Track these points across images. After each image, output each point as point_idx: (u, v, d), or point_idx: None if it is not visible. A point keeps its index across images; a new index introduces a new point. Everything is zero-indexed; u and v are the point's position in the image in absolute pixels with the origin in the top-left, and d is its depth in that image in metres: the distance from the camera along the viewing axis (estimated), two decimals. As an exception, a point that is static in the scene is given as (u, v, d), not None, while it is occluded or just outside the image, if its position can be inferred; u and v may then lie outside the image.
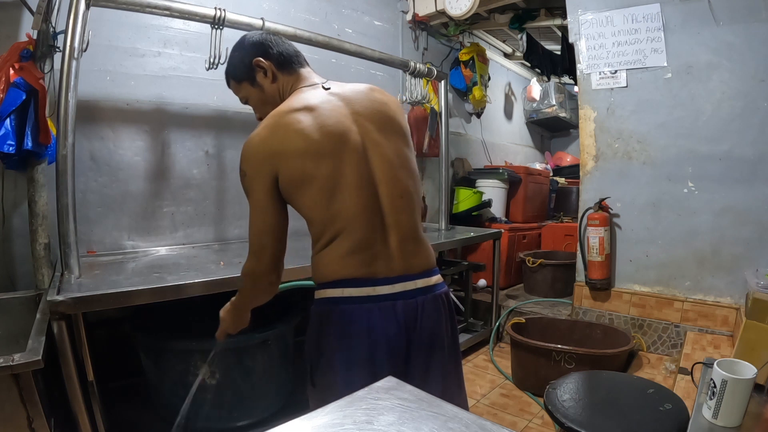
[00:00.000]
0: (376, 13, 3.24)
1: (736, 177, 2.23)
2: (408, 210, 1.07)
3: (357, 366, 0.98)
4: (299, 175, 0.98)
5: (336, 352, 1.00)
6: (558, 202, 4.46)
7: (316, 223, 1.01)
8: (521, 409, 2.18)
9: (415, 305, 1.02)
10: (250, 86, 1.12)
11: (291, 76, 1.11)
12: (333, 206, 0.99)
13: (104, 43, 1.99)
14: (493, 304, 3.01)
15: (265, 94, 1.11)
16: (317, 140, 0.98)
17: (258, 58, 1.09)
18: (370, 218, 1.01)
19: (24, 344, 1.14)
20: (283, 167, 0.98)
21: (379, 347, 0.99)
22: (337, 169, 0.99)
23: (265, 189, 0.99)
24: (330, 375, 1.00)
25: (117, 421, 1.63)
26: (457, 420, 0.62)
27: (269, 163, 0.98)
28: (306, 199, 0.99)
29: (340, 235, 0.99)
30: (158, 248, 2.20)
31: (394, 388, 0.73)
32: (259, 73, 1.10)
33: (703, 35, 2.26)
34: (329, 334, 1.00)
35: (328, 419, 0.64)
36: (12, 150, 1.59)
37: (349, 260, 0.99)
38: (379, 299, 0.99)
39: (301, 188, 0.98)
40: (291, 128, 0.98)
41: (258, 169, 0.99)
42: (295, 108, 1.01)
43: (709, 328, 2.31)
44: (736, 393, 1.05)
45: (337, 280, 1.00)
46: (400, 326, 1.00)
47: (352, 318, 0.99)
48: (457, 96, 3.94)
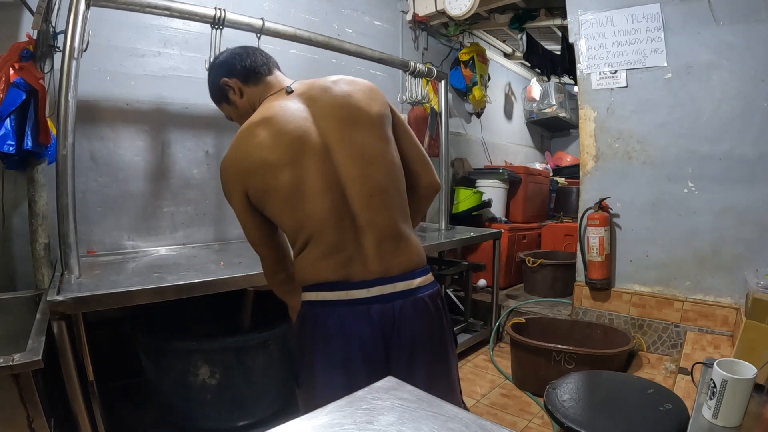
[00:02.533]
0: (376, 13, 3.24)
1: (736, 177, 2.23)
2: (383, 208, 1.00)
3: (334, 368, 0.99)
4: (262, 188, 0.99)
5: (315, 354, 1.01)
6: (558, 202, 4.46)
7: (287, 231, 1.05)
8: (521, 409, 2.18)
9: (392, 310, 0.97)
10: (227, 105, 1.17)
11: (258, 87, 1.12)
12: (298, 214, 0.98)
13: (104, 43, 1.99)
14: (493, 304, 3.01)
15: (239, 110, 1.14)
16: (274, 152, 0.97)
17: (224, 78, 1.12)
18: (340, 221, 0.98)
19: (24, 344, 1.14)
20: (249, 183, 1.00)
21: (354, 351, 0.97)
22: (297, 177, 0.97)
23: (242, 205, 1.04)
24: (311, 376, 1.02)
25: (117, 421, 1.64)
26: (457, 420, 0.62)
27: (238, 182, 1.02)
28: (272, 209, 1.02)
29: (311, 241, 1.00)
30: (158, 248, 2.20)
31: (394, 388, 0.73)
32: (229, 92, 1.13)
33: (703, 35, 2.26)
34: (308, 336, 1.02)
35: (328, 419, 0.64)
36: (12, 150, 1.59)
37: (323, 264, 0.98)
38: (353, 303, 0.96)
39: (266, 200, 1.00)
40: (249, 144, 1.00)
41: (231, 189, 1.04)
42: (254, 122, 1.02)
43: (709, 328, 2.31)
44: (736, 393, 1.05)
45: (313, 284, 1.01)
46: (375, 331, 0.96)
47: (327, 322, 0.98)
48: (457, 96, 3.94)
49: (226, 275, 1.61)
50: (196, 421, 1.76)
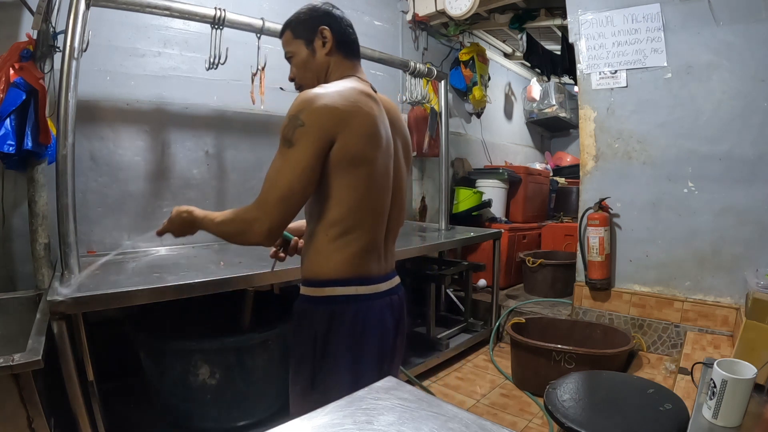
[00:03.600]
0: (376, 13, 3.24)
1: (736, 177, 2.23)
2: (401, 221, 1.17)
3: (366, 362, 1.03)
4: (358, 153, 0.96)
5: (347, 350, 1.01)
6: (558, 202, 4.46)
7: (346, 207, 0.98)
8: (521, 409, 2.18)
9: (399, 300, 1.13)
10: (303, 46, 1.09)
11: (344, 60, 1.10)
12: (367, 197, 1.00)
13: (104, 43, 1.99)
14: (493, 304, 3.01)
15: (314, 61, 1.09)
16: (379, 134, 1.01)
17: (325, 26, 1.08)
18: (384, 220, 1.07)
19: (24, 344, 1.14)
20: (345, 139, 0.94)
21: (386, 341, 1.07)
22: (381, 167, 1.02)
23: (317, 149, 0.94)
24: (336, 375, 1.01)
25: (117, 421, 1.63)
26: (457, 420, 0.62)
27: (335, 126, 0.94)
28: (349, 179, 0.97)
29: (360, 229, 1.01)
30: (158, 248, 2.20)
31: (394, 388, 0.73)
32: (318, 40, 1.08)
33: (703, 35, 2.26)
34: (341, 332, 1.00)
35: (328, 419, 0.64)
36: (12, 150, 1.59)
37: (364, 258, 1.03)
38: (381, 295, 1.06)
39: (352, 167, 0.96)
40: (363, 109, 0.98)
41: (320, 126, 0.93)
42: (366, 93, 1.02)
43: (709, 328, 2.31)
44: (736, 393, 1.05)
45: (349, 278, 1.01)
46: (394, 319, 1.09)
47: (368, 315, 1.03)
48: (457, 96, 3.94)
49: (226, 275, 1.61)
50: (196, 421, 1.76)
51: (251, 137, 2.52)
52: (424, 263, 2.99)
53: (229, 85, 2.42)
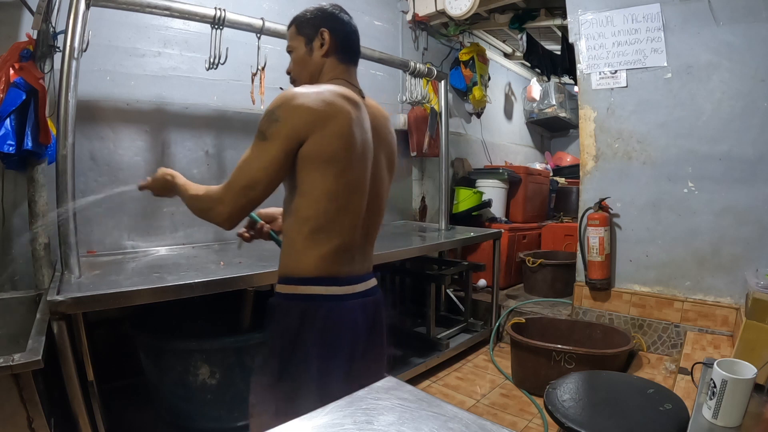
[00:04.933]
0: (376, 13, 3.24)
1: (736, 177, 2.23)
2: (379, 223, 1.19)
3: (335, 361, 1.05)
4: (330, 153, 0.99)
5: (316, 347, 1.03)
6: (558, 202, 4.46)
7: (317, 205, 1.01)
8: (521, 409, 2.18)
9: (374, 303, 1.14)
10: (303, 43, 1.13)
11: (339, 64, 1.13)
12: (339, 198, 1.03)
13: (104, 43, 1.99)
14: (493, 304, 3.01)
15: (310, 60, 1.12)
16: (355, 137, 1.03)
17: (325, 29, 1.11)
18: (358, 222, 1.09)
19: (24, 344, 1.14)
20: (317, 138, 0.98)
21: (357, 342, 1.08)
22: (355, 170, 1.05)
23: (287, 145, 0.98)
24: (304, 370, 1.03)
25: (117, 421, 1.64)
26: (457, 420, 0.62)
27: (308, 125, 0.97)
28: (320, 177, 1.00)
29: (331, 229, 1.03)
30: (158, 248, 2.20)
31: (394, 388, 0.73)
32: (317, 40, 1.11)
33: (703, 35, 2.26)
34: (311, 330, 1.02)
35: (328, 419, 0.64)
36: (12, 150, 1.59)
37: (336, 259, 1.05)
38: (356, 296, 1.08)
39: (323, 166, 1.00)
40: (339, 111, 1.01)
41: (293, 123, 0.97)
42: (348, 97, 1.05)
43: (709, 328, 2.31)
44: (736, 393, 1.05)
45: (322, 277, 1.04)
46: (368, 320, 1.11)
47: (339, 315, 1.05)
48: (457, 96, 3.94)
49: (226, 275, 1.61)
50: (196, 421, 1.76)
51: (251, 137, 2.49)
52: (424, 263, 2.99)
53: (229, 85, 2.42)
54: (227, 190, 1.00)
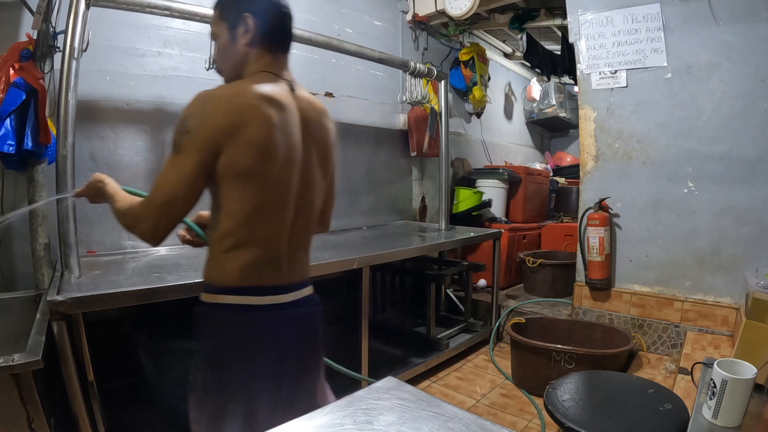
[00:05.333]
0: (376, 13, 3.24)
1: (736, 177, 2.23)
2: (311, 231, 1.13)
3: (260, 375, 0.99)
4: (246, 166, 0.92)
5: (235, 359, 0.98)
6: (558, 202, 4.46)
7: (236, 221, 0.96)
8: (521, 409, 2.18)
9: (310, 312, 1.08)
10: (226, 29, 1.02)
11: (266, 54, 1.02)
12: (259, 212, 0.96)
13: (104, 43, 1.99)
14: (493, 304, 3.01)
15: (233, 49, 1.02)
16: (276, 144, 0.95)
17: (249, 13, 1.00)
18: (283, 233, 1.03)
19: (24, 344, 1.14)
20: (233, 150, 0.91)
21: (284, 355, 1.02)
22: (277, 180, 0.98)
23: (201, 160, 0.90)
24: (227, 385, 0.98)
25: (117, 421, 1.63)
26: (457, 420, 0.62)
27: (221, 137, 0.90)
28: (238, 193, 0.94)
29: (252, 243, 0.97)
30: (158, 248, 2.20)
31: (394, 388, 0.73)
32: (241, 27, 1.00)
33: (703, 35, 2.26)
34: (229, 341, 0.98)
35: (328, 419, 0.64)
36: (12, 150, 1.59)
37: (257, 270, 0.99)
38: (281, 307, 1.02)
39: (240, 181, 0.93)
40: (257, 118, 0.92)
41: (205, 136, 0.89)
42: (268, 97, 0.95)
43: (709, 328, 2.31)
44: (736, 393, 1.05)
45: (242, 287, 0.98)
46: (298, 332, 1.04)
47: (261, 326, 0.99)
48: (457, 96, 3.94)
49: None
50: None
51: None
52: (424, 263, 2.99)
53: (229, 85, 2.42)
54: (147, 207, 0.94)
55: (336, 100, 2.99)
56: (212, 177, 0.93)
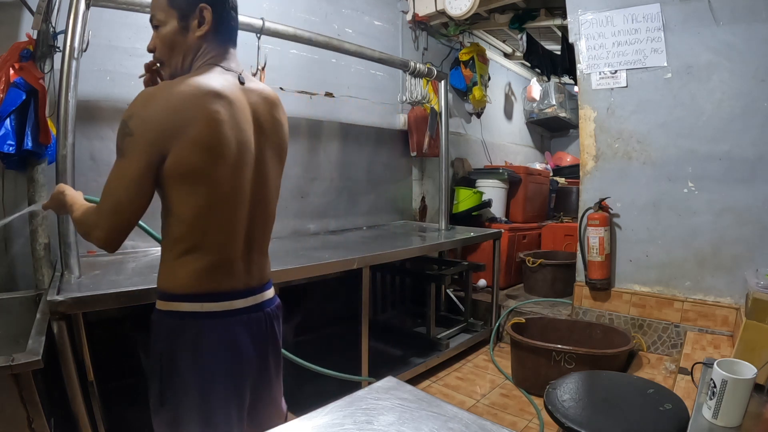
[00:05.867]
0: (376, 13, 3.24)
1: (737, 177, 2.23)
2: (268, 230, 1.09)
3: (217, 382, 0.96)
4: (194, 168, 0.89)
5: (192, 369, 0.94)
6: (558, 202, 4.46)
7: (186, 225, 0.92)
8: (521, 409, 2.18)
9: (267, 316, 1.04)
10: (176, 19, 0.95)
11: (218, 47, 0.99)
12: (211, 214, 0.93)
13: (104, 43, 1.99)
14: (493, 304, 3.01)
15: (183, 41, 0.96)
16: (225, 142, 0.91)
17: (207, 5, 0.95)
18: (238, 235, 0.99)
19: (24, 344, 1.14)
20: (179, 151, 0.86)
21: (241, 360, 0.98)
22: (228, 180, 0.94)
23: (146, 162, 0.86)
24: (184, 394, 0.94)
25: (117, 421, 1.63)
26: (457, 420, 0.62)
27: (166, 138, 0.86)
28: (187, 195, 0.90)
29: (204, 247, 0.94)
30: (158, 248, 2.19)
31: (394, 388, 0.73)
32: (194, 19, 0.95)
33: (703, 35, 2.26)
34: (184, 349, 0.94)
35: (328, 419, 0.64)
36: (12, 150, 1.59)
37: (211, 275, 0.95)
38: (237, 313, 0.98)
39: (188, 183, 0.90)
40: (204, 116, 0.88)
41: (147, 138, 0.85)
42: (215, 92, 0.90)
43: (709, 328, 2.31)
44: (736, 393, 1.05)
45: (195, 294, 0.94)
46: (254, 338, 1.00)
47: (214, 332, 0.95)
48: (457, 96, 3.94)
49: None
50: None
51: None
52: (424, 263, 2.99)
53: (229, 85, 2.42)
54: (98, 214, 0.90)
55: (336, 100, 2.99)
56: (159, 180, 0.89)
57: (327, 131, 2.95)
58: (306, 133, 2.83)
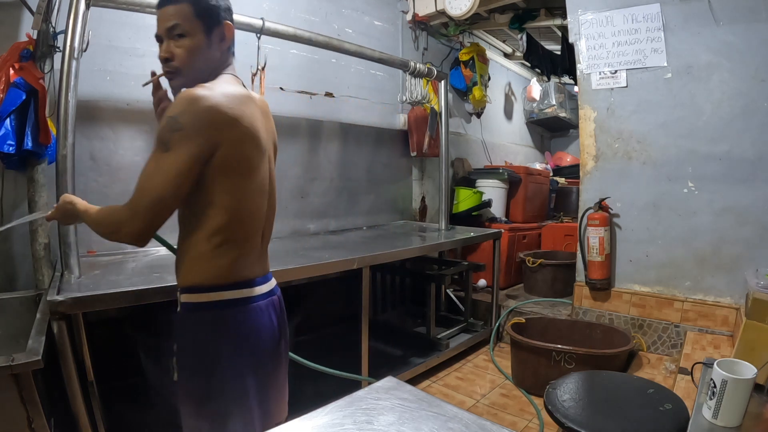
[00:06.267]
0: (376, 13, 3.24)
1: (736, 177, 2.23)
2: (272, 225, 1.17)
3: (261, 364, 1.04)
4: (245, 160, 0.96)
5: (239, 356, 0.99)
6: (558, 202, 4.46)
7: (228, 215, 0.96)
8: (521, 409, 2.18)
9: (280, 300, 1.14)
10: (202, 31, 0.99)
11: (230, 58, 1.09)
12: (248, 204, 1.00)
13: (104, 43, 1.99)
14: (493, 304, 3.01)
15: (208, 53, 1.01)
16: (262, 137, 1.02)
17: (230, 21, 1.04)
18: (261, 224, 1.07)
19: (24, 344, 1.14)
20: (230, 145, 0.92)
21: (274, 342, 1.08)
22: (262, 171, 1.03)
23: (196, 156, 0.90)
24: (233, 381, 0.98)
25: (117, 421, 1.63)
26: (457, 420, 0.62)
27: (218, 132, 0.91)
28: (231, 185, 0.95)
29: (240, 236, 1.00)
30: (158, 248, 2.20)
31: (394, 388, 0.73)
32: (217, 33, 1.01)
33: (703, 35, 2.26)
34: (230, 339, 0.98)
35: (328, 419, 0.64)
36: (12, 150, 1.59)
37: (244, 261, 1.02)
38: (266, 296, 1.07)
39: (235, 174, 0.95)
40: (248, 113, 0.97)
41: (200, 131, 0.89)
42: (248, 95, 1.01)
43: (709, 328, 2.31)
44: (736, 393, 1.05)
45: (235, 282, 1.00)
46: (278, 320, 1.10)
47: (255, 317, 1.02)
48: (457, 96, 3.94)
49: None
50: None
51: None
52: (424, 263, 2.99)
53: (229, 85, 2.42)
54: (133, 208, 0.92)
55: (336, 100, 2.99)
56: (203, 172, 0.93)
57: (327, 131, 2.95)
58: (306, 133, 2.83)
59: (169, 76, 1.03)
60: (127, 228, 0.92)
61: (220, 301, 0.98)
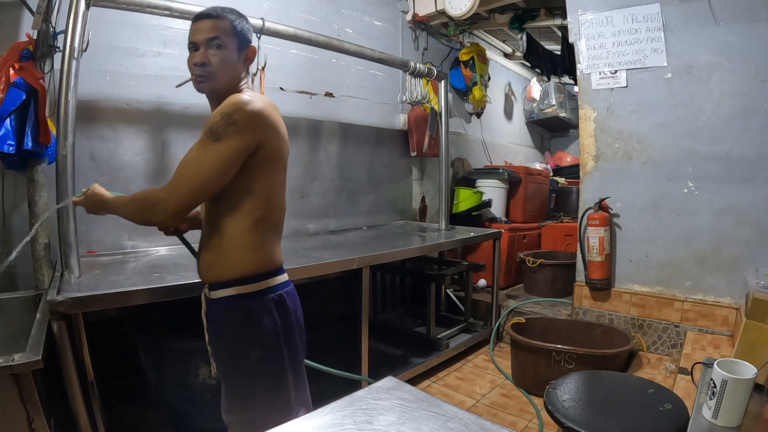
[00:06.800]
0: (376, 13, 3.24)
1: (737, 177, 2.23)
2: None
3: (302, 341, 1.19)
4: (281, 154, 1.11)
5: (295, 333, 1.15)
6: (558, 202, 4.46)
7: (264, 202, 1.09)
8: (521, 409, 2.18)
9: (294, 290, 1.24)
10: (235, 49, 1.13)
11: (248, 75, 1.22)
12: (279, 194, 1.15)
13: (104, 43, 1.99)
14: (493, 304, 3.01)
15: (236, 67, 1.14)
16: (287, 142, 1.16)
17: (254, 46, 1.19)
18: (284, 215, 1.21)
19: (24, 344, 1.14)
20: (272, 142, 1.07)
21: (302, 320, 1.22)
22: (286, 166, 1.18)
23: (243, 148, 1.03)
24: (299, 355, 1.17)
25: (117, 421, 1.63)
26: (457, 420, 0.62)
27: (264, 130, 1.05)
28: (273, 177, 1.11)
29: (275, 224, 1.14)
30: (158, 248, 2.20)
31: (394, 388, 0.73)
32: (245, 53, 1.16)
33: (703, 35, 2.26)
34: (289, 318, 1.13)
35: (328, 419, 0.64)
36: (12, 150, 1.59)
37: (278, 248, 1.17)
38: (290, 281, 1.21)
39: (273, 165, 1.09)
40: (280, 120, 1.13)
41: (251, 128, 1.03)
42: (276, 106, 1.14)
43: (709, 328, 2.31)
44: (736, 393, 1.05)
45: (279, 268, 1.16)
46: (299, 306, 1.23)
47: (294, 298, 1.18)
48: (457, 96, 3.94)
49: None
50: (196, 421, 1.76)
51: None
52: (424, 263, 2.99)
53: (229, 85, 2.42)
54: (173, 191, 1.03)
55: (336, 100, 2.99)
56: (245, 164, 1.04)
57: (327, 131, 2.95)
58: (306, 133, 2.83)
59: (200, 79, 1.11)
60: (163, 206, 1.03)
61: (273, 286, 1.11)
